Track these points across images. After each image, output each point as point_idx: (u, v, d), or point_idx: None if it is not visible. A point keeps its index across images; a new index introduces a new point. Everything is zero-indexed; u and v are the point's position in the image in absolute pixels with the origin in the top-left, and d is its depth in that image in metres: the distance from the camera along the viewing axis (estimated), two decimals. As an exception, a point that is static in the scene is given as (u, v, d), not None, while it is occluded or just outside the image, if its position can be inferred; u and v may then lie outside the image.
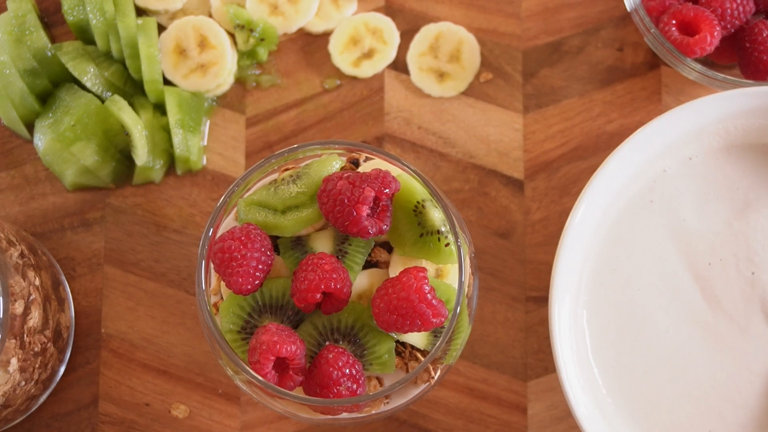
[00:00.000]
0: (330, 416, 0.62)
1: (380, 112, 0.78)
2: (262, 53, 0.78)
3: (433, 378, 0.62)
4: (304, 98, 0.78)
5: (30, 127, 0.76)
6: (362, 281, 0.60)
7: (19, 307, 0.63)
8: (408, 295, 0.55)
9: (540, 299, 0.75)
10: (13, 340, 0.63)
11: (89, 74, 0.74)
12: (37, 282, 0.67)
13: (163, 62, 0.76)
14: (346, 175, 0.59)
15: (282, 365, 0.57)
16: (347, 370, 0.57)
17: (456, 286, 0.59)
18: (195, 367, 0.74)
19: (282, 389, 0.57)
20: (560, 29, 0.79)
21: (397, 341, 0.60)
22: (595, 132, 0.78)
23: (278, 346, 0.55)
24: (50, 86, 0.76)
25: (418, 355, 0.60)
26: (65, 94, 0.75)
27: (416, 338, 0.60)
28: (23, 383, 0.66)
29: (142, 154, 0.74)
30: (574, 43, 0.79)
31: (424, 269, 0.57)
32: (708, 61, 0.75)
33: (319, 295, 0.57)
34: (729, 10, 0.71)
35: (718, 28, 0.71)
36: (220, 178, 0.77)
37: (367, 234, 0.58)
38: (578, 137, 0.78)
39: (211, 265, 0.61)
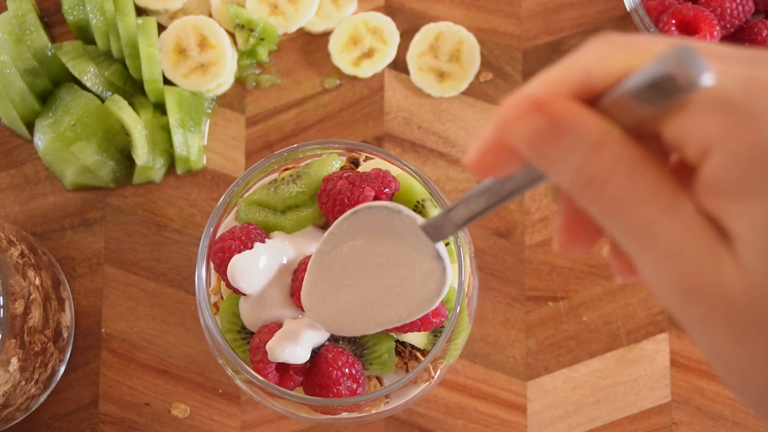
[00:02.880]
0: (330, 416, 0.62)
1: (380, 112, 0.78)
2: (262, 53, 0.77)
3: (433, 378, 0.62)
4: (304, 98, 0.78)
5: (30, 126, 0.76)
6: (362, 281, 0.60)
7: (19, 307, 0.63)
8: (408, 295, 0.55)
9: (540, 299, 0.75)
10: (14, 340, 0.63)
11: (89, 74, 0.74)
12: (38, 282, 0.67)
13: (163, 62, 0.76)
14: (346, 174, 0.59)
15: (282, 365, 0.57)
16: (347, 370, 0.57)
17: (456, 286, 0.59)
18: (195, 367, 0.74)
19: (282, 389, 0.57)
20: (560, 29, 0.79)
21: (397, 341, 0.60)
22: (594, 132, 0.78)
23: (279, 345, 0.55)
24: (50, 86, 0.76)
25: (418, 354, 0.60)
26: (65, 94, 0.75)
27: (416, 338, 0.60)
28: (23, 383, 0.66)
29: (142, 154, 0.74)
30: (574, 42, 0.79)
31: (424, 269, 0.57)
32: (708, 61, 0.75)
33: (319, 295, 0.57)
34: (728, 10, 0.71)
35: (717, 28, 0.71)
36: (220, 178, 0.77)
37: (367, 234, 0.57)
38: (578, 137, 0.78)
39: (211, 265, 0.61)
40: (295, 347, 0.56)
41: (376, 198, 0.58)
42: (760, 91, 0.29)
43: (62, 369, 0.73)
